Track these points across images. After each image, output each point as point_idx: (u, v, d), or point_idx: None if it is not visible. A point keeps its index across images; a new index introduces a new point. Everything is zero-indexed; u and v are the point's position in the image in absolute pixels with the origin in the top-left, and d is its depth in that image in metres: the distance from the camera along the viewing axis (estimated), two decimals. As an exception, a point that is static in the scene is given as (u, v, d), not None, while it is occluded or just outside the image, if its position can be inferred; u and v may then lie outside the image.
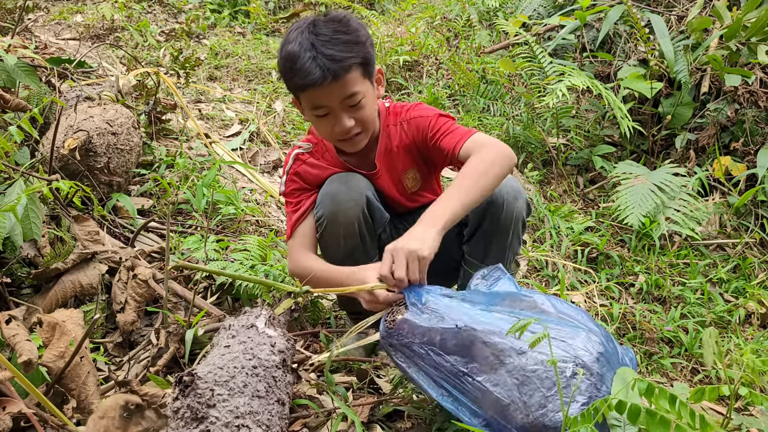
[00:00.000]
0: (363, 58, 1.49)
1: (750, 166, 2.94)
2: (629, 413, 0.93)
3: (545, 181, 3.25)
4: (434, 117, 1.66)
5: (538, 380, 1.15)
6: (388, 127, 1.70)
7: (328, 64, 1.43)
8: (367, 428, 1.41)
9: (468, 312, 1.28)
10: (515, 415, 1.16)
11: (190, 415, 1.08)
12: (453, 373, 1.23)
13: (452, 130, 1.61)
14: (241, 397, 1.14)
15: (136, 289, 1.71)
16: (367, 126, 1.59)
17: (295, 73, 1.46)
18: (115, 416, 1.09)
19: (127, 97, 2.72)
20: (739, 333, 2.26)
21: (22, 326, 1.30)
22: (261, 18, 5.37)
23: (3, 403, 1.18)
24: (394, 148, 1.70)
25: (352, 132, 1.56)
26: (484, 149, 1.51)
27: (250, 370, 1.21)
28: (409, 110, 1.71)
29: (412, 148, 1.71)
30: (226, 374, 1.17)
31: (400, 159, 1.71)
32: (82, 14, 5.00)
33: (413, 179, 1.76)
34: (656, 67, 3.12)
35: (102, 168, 2.19)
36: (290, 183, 1.72)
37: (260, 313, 1.41)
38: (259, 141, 3.30)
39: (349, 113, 1.53)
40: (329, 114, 1.53)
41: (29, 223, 1.67)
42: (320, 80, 1.43)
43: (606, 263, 2.64)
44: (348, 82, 1.47)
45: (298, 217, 1.68)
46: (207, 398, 1.09)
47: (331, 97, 1.49)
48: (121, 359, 1.64)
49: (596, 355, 1.18)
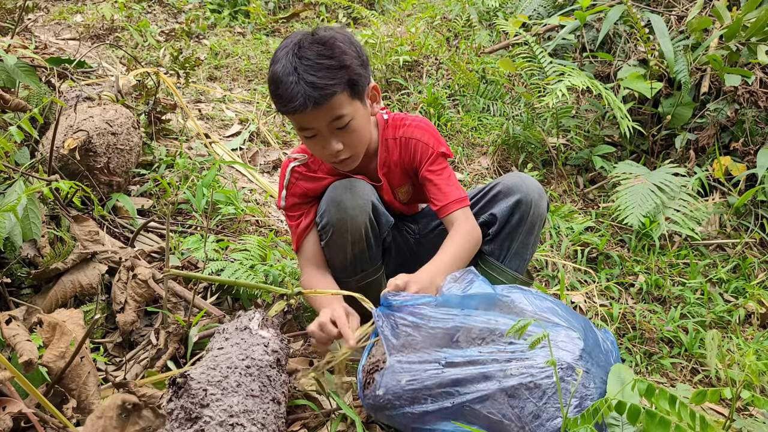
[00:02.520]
0: (348, 82, 1.44)
1: (750, 166, 2.94)
2: (629, 414, 0.93)
3: (545, 181, 3.25)
4: (434, 154, 1.64)
5: (527, 391, 1.14)
6: (386, 141, 1.68)
7: (309, 92, 1.38)
8: (367, 428, 1.41)
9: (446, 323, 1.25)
10: (511, 430, 1.15)
11: (184, 416, 1.08)
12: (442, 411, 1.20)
13: (443, 185, 1.62)
14: (234, 396, 1.14)
15: (135, 289, 1.71)
16: (357, 149, 1.56)
17: (279, 98, 1.43)
18: (112, 416, 1.09)
19: (127, 97, 2.72)
20: (739, 333, 2.26)
21: (22, 326, 1.30)
22: (261, 18, 5.37)
23: (3, 403, 1.18)
24: (392, 163, 1.69)
25: (340, 156, 1.53)
26: (468, 226, 1.59)
27: (243, 370, 1.21)
28: (410, 127, 1.68)
29: (408, 168, 1.71)
30: (219, 374, 1.17)
31: (396, 174, 1.72)
32: (82, 14, 5.00)
33: (406, 193, 1.78)
34: (656, 67, 3.12)
35: (102, 168, 2.19)
36: (290, 198, 1.70)
37: (253, 316, 1.42)
38: (259, 141, 3.30)
39: (336, 136, 1.49)
40: (317, 136, 1.50)
41: (29, 223, 1.67)
42: (301, 108, 1.40)
43: (606, 263, 2.64)
44: (333, 106, 1.43)
45: (302, 232, 1.68)
46: (200, 398, 1.10)
47: (317, 120, 1.45)
48: (121, 359, 1.64)
49: (578, 353, 1.18)
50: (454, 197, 1.61)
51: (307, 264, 1.68)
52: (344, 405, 1.42)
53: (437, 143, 1.66)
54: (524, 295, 1.33)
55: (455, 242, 1.57)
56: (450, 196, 1.61)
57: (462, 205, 1.62)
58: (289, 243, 2.37)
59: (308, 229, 1.68)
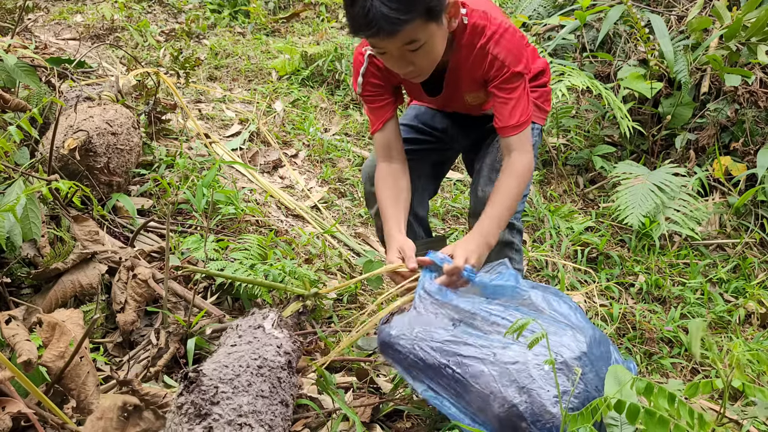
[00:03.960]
0: (426, 9, 1.36)
1: (750, 166, 2.94)
2: (628, 413, 0.93)
3: (545, 181, 3.25)
4: (508, 73, 1.55)
5: (516, 372, 1.20)
6: (461, 48, 1.57)
7: (380, 22, 1.31)
8: (367, 428, 1.41)
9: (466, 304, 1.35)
10: (493, 405, 1.20)
11: (193, 411, 1.08)
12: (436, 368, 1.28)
13: (509, 106, 1.57)
14: (245, 395, 1.14)
15: (136, 289, 1.71)
16: (427, 69, 1.51)
17: (351, 17, 1.37)
18: (113, 417, 1.09)
19: (127, 97, 2.72)
20: (739, 333, 2.26)
21: (22, 326, 1.30)
22: (261, 18, 5.37)
23: (2, 403, 1.18)
24: (464, 71, 1.62)
25: (409, 75, 1.51)
26: (518, 165, 1.61)
27: (255, 370, 1.21)
28: (491, 40, 1.54)
29: (478, 79, 1.63)
30: (231, 372, 1.17)
31: (465, 81, 1.65)
32: (82, 14, 5.00)
33: (475, 98, 1.73)
34: (656, 67, 3.12)
35: (102, 168, 2.19)
36: (367, 86, 1.69)
37: (268, 314, 1.42)
38: (259, 141, 3.30)
39: (407, 58, 1.44)
40: (386, 54, 1.46)
41: (29, 223, 1.67)
42: (372, 35, 1.35)
43: (606, 263, 2.64)
44: (405, 34, 1.36)
45: (379, 119, 1.71)
46: (211, 395, 1.09)
47: (388, 45, 1.41)
48: (121, 359, 1.64)
49: (578, 354, 1.21)
50: (515, 121, 1.58)
51: (379, 156, 1.73)
52: (344, 405, 1.42)
53: (515, 61, 1.55)
54: (545, 295, 1.39)
55: (502, 193, 1.60)
56: (512, 118, 1.58)
57: (520, 130, 1.59)
58: (288, 243, 2.38)
59: (386, 116, 1.70)
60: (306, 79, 4.14)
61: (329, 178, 3.09)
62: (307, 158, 3.27)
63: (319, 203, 2.86)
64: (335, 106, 3.88)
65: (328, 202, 2.91)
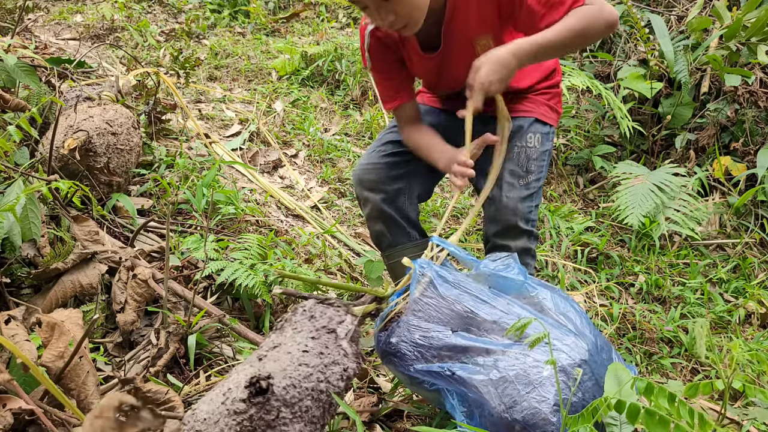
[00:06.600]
0: None
1: (750, 166, 2.94)
2: (628, 413, 0.93)
3: (545, 181, 3.25)
4: None
5: (515, 377, 1.18)
6: None
7: None
8: (367, 428, 1.41)
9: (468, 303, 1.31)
10: (491, 406, 1.19)
11: (249, 427, 1.05)
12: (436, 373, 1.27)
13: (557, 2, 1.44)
14: (298, 423, 1.10)
15: (136, 289, 1.71)
16: (412, 16, 1.45)
17: None
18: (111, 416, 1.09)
19: (127, 97, 2.72)
20: (739, 333, 2.26)
21: (22, 326, 1.30)
22: (261, 18, 5.37)
23: (3, 401, 1.18)
24: (465, 15, 1.53)
25: (394, 27, 1.46)
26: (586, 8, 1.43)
27: (317, 394, 1.17)
28: None
29: (490, 11, 1.51)
30: (297, 395, 1.13)
31: (472, 20, 1.54)
32: (82, 14, 5.00)
33: (485, 47, 1.55)
34: (656, 67, 3.12)
35: (102, 168, 2.19)
36: (375, 61, 1.70)
37: (344, 318, 1.32)
38: (259, 141, 3.30)
39: (383, 8, 1.41)
40: (367, 8, 1.44)
41: (28, 223, 1.67)
42: None
43: (606, 263, 2.64)
44: None
45: (393, 100, 1.73)
46: (272, 418, 1.07)
47: None
48: (121, 359, 1.64)
49: (578, 361, 1.19)
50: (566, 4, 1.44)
51: (405, 125, 1.76)
52: (345, 405, 1.42)
53: None
54: (552, 296, 1.36)
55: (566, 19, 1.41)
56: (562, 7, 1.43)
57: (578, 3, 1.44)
58: (288, 243, 2.37)
59: (403, 98, 1.72)
60: (306, 79, 4.15)
61: (329, 178, 3.09)
62: (307, 158, 3.27)
63: (319, 203, 2.86)
64: (335, 106, 3.88)
65: (328, 202, 2.91)
